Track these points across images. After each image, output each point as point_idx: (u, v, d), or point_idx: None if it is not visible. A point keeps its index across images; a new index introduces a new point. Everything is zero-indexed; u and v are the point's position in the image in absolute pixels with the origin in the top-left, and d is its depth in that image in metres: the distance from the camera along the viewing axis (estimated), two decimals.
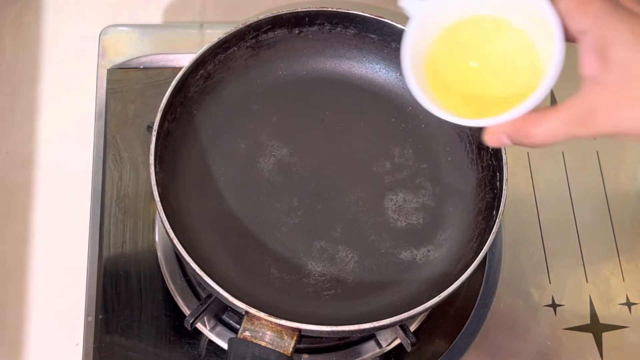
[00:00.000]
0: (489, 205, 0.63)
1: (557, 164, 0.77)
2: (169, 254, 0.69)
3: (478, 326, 0.69)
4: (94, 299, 0.68)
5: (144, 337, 0.67)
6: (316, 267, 0.63)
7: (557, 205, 0.75)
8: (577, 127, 0.42)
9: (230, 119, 0.68)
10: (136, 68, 0.78)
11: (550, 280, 0.72)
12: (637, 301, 0.71)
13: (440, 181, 0.67)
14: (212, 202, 0.65)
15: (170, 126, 0.64)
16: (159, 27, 0.82)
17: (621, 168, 0.77)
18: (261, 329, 0.55)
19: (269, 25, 0.67)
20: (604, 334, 0.70)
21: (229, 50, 0.67)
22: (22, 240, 0.72)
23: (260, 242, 0.64)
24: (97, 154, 0.74)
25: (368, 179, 0.67)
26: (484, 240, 0.59)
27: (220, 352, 0.67)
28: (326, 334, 0.56)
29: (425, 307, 0.56)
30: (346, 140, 0.69)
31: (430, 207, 0.66)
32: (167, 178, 0.62)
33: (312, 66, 0.70)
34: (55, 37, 0.82)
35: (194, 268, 0.56)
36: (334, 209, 0.66)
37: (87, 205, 0.72)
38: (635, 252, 0.74)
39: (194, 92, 0.66)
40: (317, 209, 0.66)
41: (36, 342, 0.69)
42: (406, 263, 0.64)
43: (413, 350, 0.64)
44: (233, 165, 0.67)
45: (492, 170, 0.64)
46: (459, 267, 0.62)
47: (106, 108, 0.75)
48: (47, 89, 0.79)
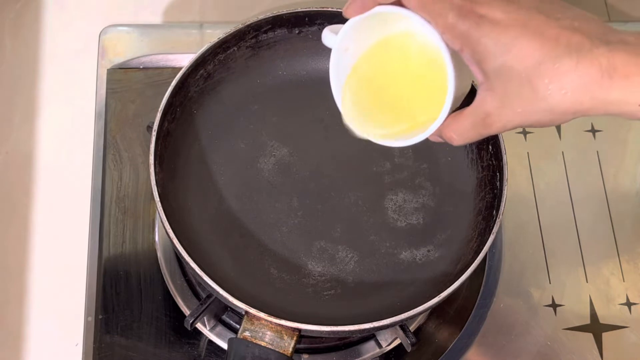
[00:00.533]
0: (489, 205, 0.63)
1: (557, 164, 0.77)
2: (169, 254, 0.69)
3: (478, 326, 0.69)
4: (94, 299, 0.68)
5: (144, 337, 0.67)
6: (316, 267, 0.63)
7: (557, 205, 0.75)
8: (482, 129, 0.47)
9: (230, 119, 0.68)
10: (136, 68, 0.78)
11: (550, 280, 0.72)
12: (637, 301, 0.71)
13: (440, 181, 0.67)
14: (212, 202, 0.65)
15: (170, 126, 0.64)
16: (159, 27, 0.82)
17: (621, 168, 0.78)
18: (261, 329, 0.55)
19: (269, 25, 0.67)
20: (604, 334, 0.70)
21: (229, 50, 0.67)
22: (22, 240, 0.72)
23: (260, 242, 0.64)
24: (97, 154, 0.74)
25: (368, 179, 0.67)
26: (484, 240, 0.59)
27: (220, 352, 0.67)
28: (326, 334, 0.56)
29: (425, 307, 0.56)
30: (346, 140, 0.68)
31: (430, 207, 0.66)
32: (167, 178, 0.62)
33: (312, 66, 0.70)
34: (55, 37, 0.81)
35: (194, 268, 0.56)
36: (334, 209, 0.66)
37: (87, 205, 0.72)
38: (635, 252, 0.74)
39: (194, 92, 0.66)
40: (317, 209, 0.66)
41: (36, 342, 0.69)
42: (406, 263, 0.64)
43: (413, 350, 0.64)
44: (233, 165, 0.67)
45: (492, 170, 0.64)
46: (459, 267, 0.62)
47: (106, 108, 0.75)
48: (47, 89, 0.79)
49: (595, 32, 0.43)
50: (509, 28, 0.43)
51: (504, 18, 0.44)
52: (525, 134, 0.78)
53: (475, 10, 0.44)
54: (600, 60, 0.42)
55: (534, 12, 0.44)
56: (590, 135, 0.79)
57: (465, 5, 0.44)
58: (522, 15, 0.44)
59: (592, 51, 0.42)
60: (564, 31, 0.43)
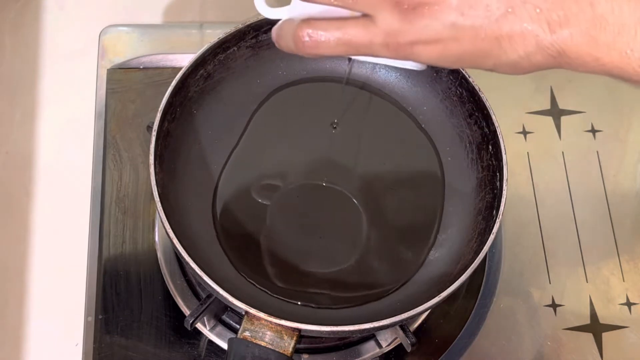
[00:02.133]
0: (489, 205, 0.63)
1: (557, 164, 0.77)
2: (169, 254, 0.69)
3: (478, 326, 0.69)
4: (94, 299, 0.68)
5: (144, 337, 0.67)
6: (316, 267, 0.63)
7: (557, 205, 0.75)
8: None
9: (230, 119, 0.68)
10: (136, 68, 0.78)
11: (550, 280, 0.72)
12: (637, 301, 0.71)
13: (440, 181, 0.67)
14: (212, 202, 0.65)
15: (170, 126, 0.64)
16: (159, 27, 0.82)
17: (621, 168, 0.77)
18: (261, 329, 0.55)
19: (269, 25, 0.67)
20: (604, 334, 0.70)
21: (229, 50, 0.67)
22: (22, 240, 0.72)
23: (260, 242, 0.64)
24: (97, 154, 0.74)
25: (368, 179, 0.67)
26: (484, 240, 0.59)
27: (220, 352, 0.67)
28: (326, 334, 0.56)
29: (425, 307, 0.56)
30: (346, 140, 0.69)
31: (430, 207, 0.66)
32: (167, 178, 0.62)
33: (312, 66, 0.70)
34: (55, 37, 0.81)
35: (194, 268, 0.56)
36: (334, 208, 0.66)
37: (87, 205, 0.72)
38: (635, 252, 0.74)
39: (193, 92, 0.66)
40: (317, 208, 0.66)
41: (36, 342, 0.69)
42: (406, 263, 0.64)
43: (413, 350, 0.64)
44: (233, 165, 0.67)
45: (492, 170, 0.64)
46: (459, 267, 0.62)
47: (106, 108, 0.75)
48: (47, 89, 0.79)
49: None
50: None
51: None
52: (525, 134, 0.78)
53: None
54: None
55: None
56: (590, 135, 0.79)
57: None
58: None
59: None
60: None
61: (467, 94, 0.65)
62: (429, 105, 0.69)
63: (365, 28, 0.45)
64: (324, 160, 0.68)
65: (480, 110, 0.64)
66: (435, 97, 0.68)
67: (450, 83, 0.67)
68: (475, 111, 0.65)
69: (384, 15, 0.44)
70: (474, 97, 0.65)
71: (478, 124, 0.65)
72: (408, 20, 0.43)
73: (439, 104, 0.68)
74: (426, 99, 0.69)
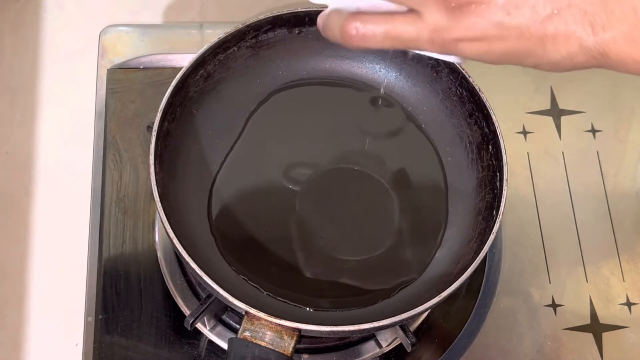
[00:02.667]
0: (489, 205, 0.63)
1: (557, 164, 0.77)
2: (169, 254, 0.69)
3: (478, 326, 0.69)
4: (94, 299, 0.68)
5: (144, 337, 0.67)
6: (316, 267, 0.63)
7: (557, 205, 0.75)
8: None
9: (230, 119, 0.68)
10: (136, 68, 0.78)
11: (550, 280, 0.72)
12: (637, 301, 0.71)
13: (440, 181, 0.67)
14: (212, 202, 0.65)
15: (170, 126, 0.64)
16: (159, 27, 0.82)
17: (621, 168, 0.77)
18: (261, 329, 0.55)
19: (269, 25, 0.67)
20: (604, 334, 0.70)
21: (229, 50, 0.67)
22: (22, 240, 0.72)
23: (260, 242, 0.64)
24: (97, 154, 0.74)
25: (369, 178, 0.67)
26: (484, 240, 0.59)
27: (220, 352, 0.67)
28: (326, 334, 0.56)
29: (425, 307, 0.56)
30: (346, 140, 0.69)
31: (430, 208, 0.66)
32: (167, 178, 0.62)
33: (312, 66, 0.70)
34: (55, 37, 0.81)
35: (194, 268, 0.56)
36: (334, 208, 0.66)
37: (87, 205, 0.72)
38: (635, 252, 0.74)
39: (194, 92, 0.66)
40: (317, 209, 0.66)
41: (36, 342, 0.69)
42: (406, 263, 0.64)
43: (413, 350, 0.64)
44: (233, 165, 0.67)
45: (492, 170, 0.64)
46: (459, 267, 0.62)
47: (106, 108, 0.75)
48: (47, 89, 0.79)
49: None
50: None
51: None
52: (525, 134, 0.78)
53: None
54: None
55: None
56: (590, 135, 0.79)
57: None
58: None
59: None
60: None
61: (467, 94, 0.65)
62: (429, 105, 0.69)
63: (413, 23, 0.46)
64: (324, 159, 0.68)
65: (481, 110, 0.64)
66: (435, 97, 0.68)
67: (450, 83, 0.67)
68: (475, 111, 0.65)
69: (431, 12, 0.45)
70: (474, 97, 0.65)
71: (478, 124, 0.65)
72: (455, 18, 0.44)
73: (439, 104, 0.68)
74: (426, 99, 0.69)
